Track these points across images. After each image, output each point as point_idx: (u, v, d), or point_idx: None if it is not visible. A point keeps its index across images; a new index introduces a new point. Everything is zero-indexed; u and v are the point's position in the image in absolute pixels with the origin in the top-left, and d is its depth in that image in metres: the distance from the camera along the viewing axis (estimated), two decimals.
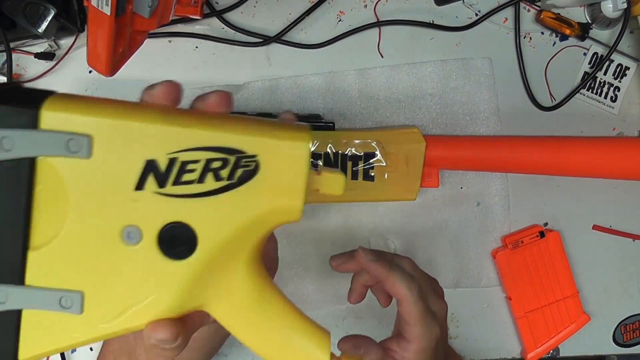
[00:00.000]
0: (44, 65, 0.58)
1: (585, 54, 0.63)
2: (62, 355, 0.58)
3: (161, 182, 0.27)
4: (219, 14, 0.58)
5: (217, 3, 0.59)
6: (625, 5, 0.58)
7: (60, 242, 0.27)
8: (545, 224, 0.63)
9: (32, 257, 0.27)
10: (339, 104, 0.60)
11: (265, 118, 0.29)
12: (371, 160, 0.55)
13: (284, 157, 0.27)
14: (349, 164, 0.55)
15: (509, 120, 0.61)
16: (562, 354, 0.64)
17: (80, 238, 0.27)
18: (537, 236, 0.61)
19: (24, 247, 0.27)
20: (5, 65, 0.54)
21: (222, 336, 0.47)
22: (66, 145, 0.26)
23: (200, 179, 0.27)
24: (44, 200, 0.27)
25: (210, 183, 0.27)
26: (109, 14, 0.39)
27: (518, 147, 0.56)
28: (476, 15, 0.61)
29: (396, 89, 0.60)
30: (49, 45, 0.57)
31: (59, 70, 0.58)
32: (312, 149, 0.54)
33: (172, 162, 0.26)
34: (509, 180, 0.62)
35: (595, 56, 0.63)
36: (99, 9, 0.39)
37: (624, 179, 0.59)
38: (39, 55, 0.57)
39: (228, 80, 0.59)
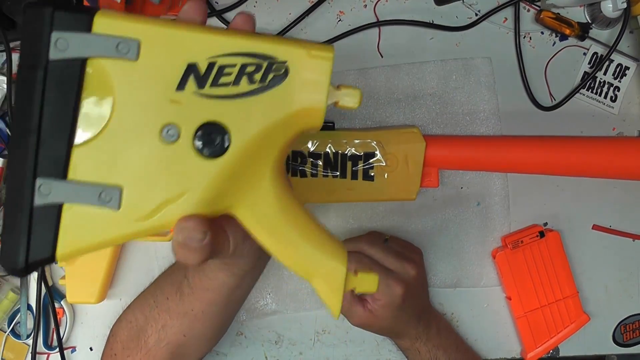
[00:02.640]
0: None
1: (585, 54, 0.63)
2: (62, 356, 0.58)
3: (200, 84, 0.29)
4: (219, 14, 0.58)
5: (217, 3, 0.59)
6: (625, 5, 0.58)
7: (104, 138, 0.29)
8: (545, 224, 0.63)
9: (76, 153, 0.29)
10: None
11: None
12: (371, 160, 0.55)
13: (310, 64, 0.30)
14: (349, 164, 0.55)
15: (509, 120, 0.61)
16: (562, 353, 0.64)
17: (123, 135, 0.29)
18: (537, 236, 0.61)
19: (69, 143, 0.29)
20: (5, 65, 0.54)
21: (233, 306, 0.48)
22: (116, 48, 0.28)
23: (236, 82, 0.30)
24: (91, 99, 0.29)
25: (244, 85, 0.30)
26: (119, 0, 0.39)
27: (518, 147, 0.56)
28: (476, 15, 0.61)
29: (396, 89, 0.60)
30: None
31: None
32: (312, 149, 0.54)
33: (211, 65, 0.29)
34: (509, 180, 0.62)
35: (595, 56, 0.63)
36: None
37: (624, 179, 0.59)
38: None
39: None
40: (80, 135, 0.29)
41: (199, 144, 0.30)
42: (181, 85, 0.29)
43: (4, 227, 0.29)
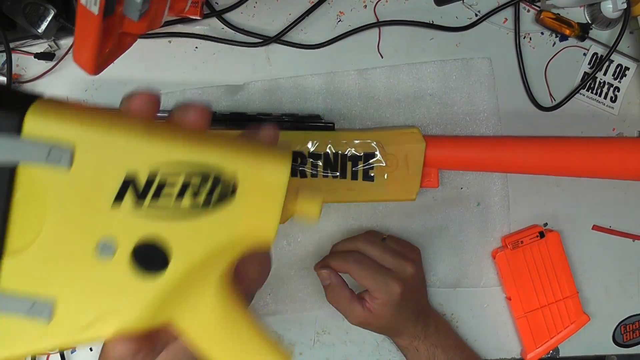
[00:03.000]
0: (44, 65, 0.58)
1: (585, 54, 0.63)
2: (62, 356, 0.58)
3: (140, 197, 0.27)
4: (219, 14, 0.58)
5: (217, 3, 0.59)
6: (625, 6, 0.58)
7: (36, 249, 0.27)
8: (545, 224, 0.63)
9: (7, 262, 0.27)
10: (339, 104, 0.60)
11: (247, 137, 0.30)
12: (371, 161, 0.55)
13: (262, 182, 0.27)
14: (349, 164, 0.55)
15: (509, 121, 0.61)
16: (562, 354, 0.64)
17: (56, 247, 0.27)
18: (537, 236, 0.61)
19: (0, 252, 0.27)
20: (5, 66, 0.54)
21: None
22: (48, 154, 0.26)
23: (179, 197, 0.27)
24: (22, 207, 0.27)
25: (188, 201, 0.27)
26: (96, 13, 0.38)
27: (518, 147, 0.56)
28: (476, 15, 0.61)
29: (396, 89, 0.60)
30: (49, 45, 0.57)
31: (59, 70, 0.58)
32: (312, 149, 0.54)
33: (152, 176, 0.27)
34: (509, 180, 0.62)
35: (595, 56, 0.63)
36: (87, 7, 0.38)
37: (624, 179, 0.59)
38: (39, 56, 0.57)
39: (228, 80, 0.59)
40: (12, 244, 0.27)
41: (136, 262, 0.28)
42: (119, 198, 0.27)
43: None
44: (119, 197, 0.27)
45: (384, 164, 0.55)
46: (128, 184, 0.27)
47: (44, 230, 0.27)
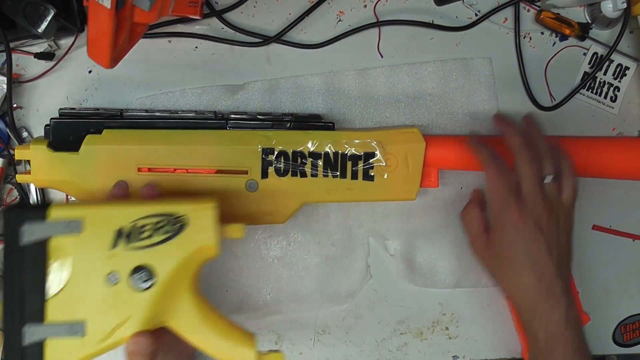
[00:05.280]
0: (44, 65, 0.58)
1: (585, 54, 0.63)
2: None
3: (128, 240, 0.43)
4: (219, 14, 0.58)
5: (217, 3, 0.59)
6: (625, 5, 0.58)
7: (67, 290, 0.42)
8: None
9: (49, 304, 0.42)
10: (339, 104, 0.60)
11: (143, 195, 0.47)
12: (371, 160, 0.55)
13: (202, 214, 0.44)
14: (349, 164, 0.55)
15: None
16: None
17: (80, 286, 0.42)
18: None
19: (43, 298, 0.42)
20: (5, 65, 0.54)
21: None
22: (67, 227, 0.42)
23: (153, 235, 0.43)
24: (55, 265, 0.42)
25: (158, 236, 0.43)
26: (109, 7, 0.39)
27: None
28: (476, 15, 0.61)
29: (396, 89, 0.60)
30: (49, 45, 0.57)
31: (59, 70, 0.58)
32: (312, 149, 0.54)
33: (133, 226, 0.43)
34: None
35: (595, 56, 0.63)
36: (100, 2, 0.39)
37: (624, 179, 0.59)
38: (39, 55, 0.57)
39: (228, 80, 0.59)
40: (51, 291, 0.42)
41: (133, 282, 0.43)
42: (115, 244, 0.43)
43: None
44: (115, 243, 0.43)
45: (384, 164, 0.55)
46: (120, 234, 0.43)
47: (71, 277, 0.42)
